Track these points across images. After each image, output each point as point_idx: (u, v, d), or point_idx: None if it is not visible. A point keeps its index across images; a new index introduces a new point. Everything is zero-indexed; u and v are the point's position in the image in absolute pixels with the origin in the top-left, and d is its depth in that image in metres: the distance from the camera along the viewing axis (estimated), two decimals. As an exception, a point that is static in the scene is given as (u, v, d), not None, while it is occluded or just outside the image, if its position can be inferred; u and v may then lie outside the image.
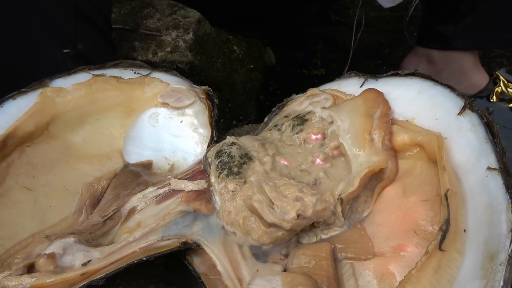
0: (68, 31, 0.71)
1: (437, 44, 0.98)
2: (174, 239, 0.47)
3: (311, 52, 1.33)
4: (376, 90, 0.60)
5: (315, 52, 1.33)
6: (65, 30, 0.71)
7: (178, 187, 0.55)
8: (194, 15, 0.94)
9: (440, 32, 0.96)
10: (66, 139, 0.62)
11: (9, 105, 0.60)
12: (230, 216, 0.48)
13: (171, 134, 0.68)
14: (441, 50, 0.98)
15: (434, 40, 0.99)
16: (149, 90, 0.70)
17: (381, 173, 0.50)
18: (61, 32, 0.71)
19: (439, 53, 0.98)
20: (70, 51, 0.72)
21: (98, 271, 0.43)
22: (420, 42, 1.05)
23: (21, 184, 0.55)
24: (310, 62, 1.29)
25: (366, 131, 0.54)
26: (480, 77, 0.98)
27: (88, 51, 0.73)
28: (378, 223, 0.45)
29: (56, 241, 0.46)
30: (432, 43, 1.00)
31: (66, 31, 0.71)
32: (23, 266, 0.42)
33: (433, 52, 1.00)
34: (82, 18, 0.71)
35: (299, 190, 0.47)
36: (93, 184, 0.58)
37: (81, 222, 0.53)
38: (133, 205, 0.56)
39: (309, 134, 0.59)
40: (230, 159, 0.54)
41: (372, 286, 0.39)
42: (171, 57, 0.87)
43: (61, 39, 0.71)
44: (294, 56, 1.31)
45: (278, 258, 0.45)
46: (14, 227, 0.50)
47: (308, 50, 1.34)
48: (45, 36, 0.70)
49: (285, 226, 0.44)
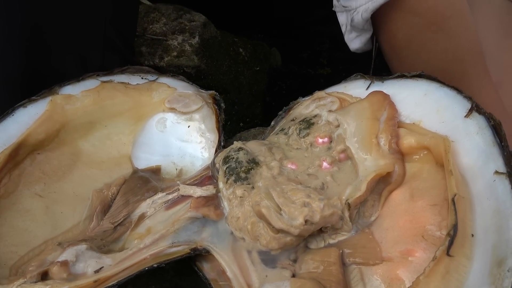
0: (96, 62, 0.72)
1: None
2: (184, 246, 0.48)
3: (317, 52, 1.33)
4: (382, 92, 0.59)
5: (321, 52, 1.33)
6: (93, 61, 0.72)
7: (186, 193, 0.56)
8: (200, 19, 0.95)
9: None
10: (76, 146, 0.63)
11: (20, 114, 0.61)
12: (238, 222, 0.48)
13: (179, 139, 0.69)
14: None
15: None
16: (157, 96, 0.70)
17: (388, 176, 0.50)
18: (89, 63, 0.72)
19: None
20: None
21: (110, 278, 0.43)
22: None
23: (33, 192, 0.56)
24: (316, 62, 1.29)
25: (372, 135, 0.54)
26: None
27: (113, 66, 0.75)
28: (386, 228, 0.45)
29: (68, 248, 0.46)
30: None
31: (94, 62, 0.72)
32: (37, 273, 0.43)
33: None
34: (109, 49, 0.73)
35: (307, 195, 0.47)
36: (103, 190, 0.59)
37: (92, 229, 0.54)
38: (142, 211, 0.56)
39: (315, 138, 0.59)
40: (238, 164, 0.54)
41: (381, 292, 0.40)
42: (178, 62, 0.88)
43: (88, 67, 0.72)
44: (299, 56, 1.31)
45: (286, 263, 0.45)
46: (27, 234, 0.51)
47: (314, 50, 1.33)
48: (72, 65, 0.71)
49: (293, 232, 0.44)
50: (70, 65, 0.71)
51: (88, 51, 0.72)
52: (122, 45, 0.76)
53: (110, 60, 0.75)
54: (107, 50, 0.73)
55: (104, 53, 0.73)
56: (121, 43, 0.75)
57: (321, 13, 1.47)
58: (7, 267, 0.46)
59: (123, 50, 0.77)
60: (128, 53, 0.80)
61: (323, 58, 1.31)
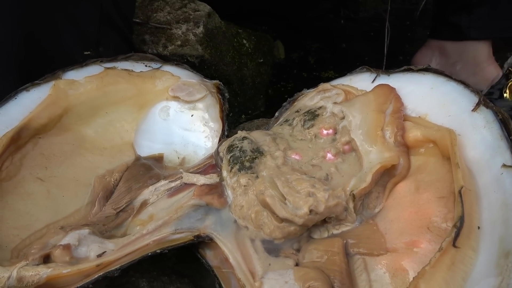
0: (92, 35, 0.71)
1: (450, 35, 0.97)
2: (187, 232, 0.47)
3: (319, 46, 1.33)
4: (388, 85, 0.59)
5: (324, 46, 1.32)
6: (89, 34, 0.71)
7: (190, 181, 0.55)
8: (204, 9, 0.94)
9: (454, 23, 0.95)
10: (79, 132, 0.63)
11: (23, 97, 0.60)
12: (242, 211, 0.48)
13: (182, 128, 0.68)
14: (454, 41, 0.96)
15: (447, 31, 0.98)
16: (160, 84, 0.70)
17: (393, 169, 0.50)
18: (85, 35, 0.71)
19: (453, 44, 0.97)
20: (91, 53, 0.72)
21: (113, 262, 0.43)
22: (433, 34, 1.04)
23: (35, 175, 0.56)
24: (318, 56, 1.29)
25: (378, 127, 0.54)
26: (493, 70, 0.97)
27: (109, 54, 0.74)
28: (390, 219, 0.45)
29: (71, 232, 0.46)
30: (445, 34, 0.99)
31: (90, 35, 0.71)
32: (39, 256, 0.43)
33: (446, 44, 0.99)
34: (106, 22, 0.72)
35: (311, 185, 0.47)
36: (106, 177, 0.58)
37: (94, 214, 0.53)
38: (145, 198, 0.56)
39: (320, 129, 0.59)
40: (242, 153, 0.54)
41: (385, 282, 0.40)
42: (182, 51, 0.87)
43: (84, 42, 0.71)
44: (302, 50, 1.30)
45: (290, 252, 0.45)
46: (29, 218, 0.50)
47: (317, 44, 1.33)
48: (69, 39, 0.71)
49: (297, 222, 0.44)
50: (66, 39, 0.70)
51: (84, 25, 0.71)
52: (121, 21, 0.75)
53: (108, 36, 0.74)
54: (104, 25, 0.72)
55: (100, 27, 0.72)
56: (119, 18, 0.74)
57: (325, 6, 1.46)
58: (9, 250, 0.46)
59: (122, 26, 0.76)
60: (127, 30, 0.78)
61: (326, 53, 1.31)
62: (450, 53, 0.98)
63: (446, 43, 0.98)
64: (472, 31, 0.93)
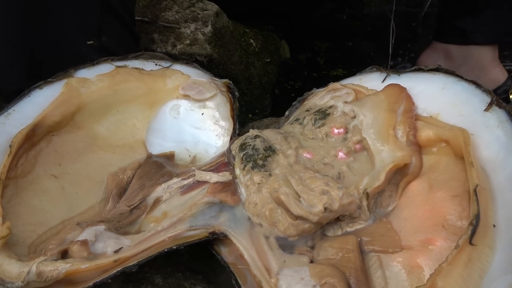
0: (93, 24, 0.72)
1: (455, 39, 0.97)
2: (201, 229, 0.48)
3: (324, 46, 1.33)
4: (399, 85, 0.60)
5: (329, 46, 1.33)
6: (90, 23, 0.71)
7: (202, 179, 0.56)
8: (213, 8, 0.95)
9: (459, 27, 0.95)
10: (91, 129, 0.63)
11: (36, 95, 0.61)
12: (256, 208, 0.49)
13: (193, 126, 0.69)
14: (459, 45, 0.97)
15: (452, 34, 0.98)
16: (171, 82, 0.70)
17: (405, 168, 0.51)
18: (86, 25, 0.71)
19: (458, 48, 0.97)
20: (94, 43, 0.72)
21: (130, 258, 0.44)
22: (438, 37, 1.04)
23: (49, 172, 0.56)
24: (323, 55, 1.29)
25: (390, 126, 0.54)
26: (499, 73, 0.97)
27: (112, 43, 0.74)
28: (404, 217, 0.45)
29: (87, 228, 0.47)
30: (450, 38, 0.99)
31: (91, 24, 0.72)
32: (58, 252, 0.43)
33: (451, 47, 0.99)
34: (107, 11, 0.72)
35: (325, 183, 0.47)
36: (118, 174, 0.59)
37: (108, 211, 0.54)
38: (157, 195, 0.56)
39: (331, 128, 0.59)
40: (255, 151, 0.55)
41: (400, 278, 0.40)
42: (190, 50, 0.88)
43: (86, 31, 0.72)
44: (307, 49, 1.31)
45: (304, 249, 0.46)
46: (44, 214, 0.51)
47: (322, 43, 1.33)
48: (70, 28, 0.71)
49: (312, 219, 0.45)
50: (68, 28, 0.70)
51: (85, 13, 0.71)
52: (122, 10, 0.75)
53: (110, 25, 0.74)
54: (105, 13, 0.72)
55: (101, 15, 0.72)
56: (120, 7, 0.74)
57: (329, 7, 1.47)
58: (26, 245, 0.47)
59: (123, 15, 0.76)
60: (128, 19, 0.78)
61: (331, 52, 1.32)
62: (454, 56, 0.98)
63: (451, 46, 0.98)
64: (477, 36, 0.93)
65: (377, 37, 1.38)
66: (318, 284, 0.40)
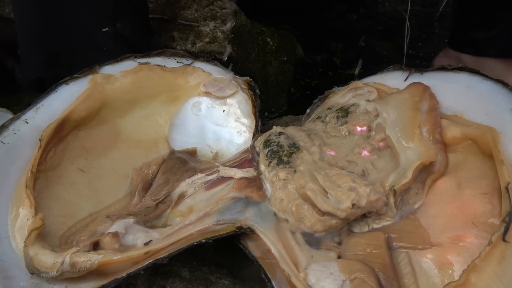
0: (108, 11, 0.72)
1: (468, 49, 0.96)
2: (228, 224, 0.48)
3: (339, 45, 1.33)
4: (422, 83, 0.60)
5: (344, 45, 1.33)
6: (105, 10, 0.72)
7: (227, 174, 0.56)
8: (231, 6, 0.95)
9: (472, 37, 0.94)
10: (116, 125, 0.64)
11: (63, 90, 0.62)
12: (282, 204, 0.49)
13: (214, 123, 0.69)
14: (472, 55, 0.96)
15: (466, 44, 0.96)
16: (192, 79, 0.71)
17: (431, 166, 0.51)
18: (101, 12, 0.72)
19: (470, 57, 0.95)
20: (109, 30, 0.73)
21: (160, 251, 0.44)
22: (451, 44, 1.03)
23: (76, 166, 0.57)
24: (338, 55, 1.29)
25: (415, 125, 0.54)
26: None
27: (126, 30, 0.75)
28: (432, 215, 0.45)
29: (117, 221, 0.47)
30: (463, 47, 0.97)
31: (106, 11, 0.72)
32: (90, 243, 0.44)
33: (464, 56, 0.97)
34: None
35: (352, 180, 0.47)
36: (143, 169, 0.60)
37: (134, 205, 0.54)
38: (182, 190, 0.57)
39: (354, 126, 0.60)
40: (279, 148, 0.55)
41: (431, 274, 0.40)
42: (210, 48, 0.89)
43: (101, 18, 0.72)
44: (322, 49, 1.31)
45: (331, 245, 0.46)
46: (73, 207, 0.52)
47: (336, 43, 1.33)
48: (86, 16, 0.72)
49: (339, 215, 0.45)
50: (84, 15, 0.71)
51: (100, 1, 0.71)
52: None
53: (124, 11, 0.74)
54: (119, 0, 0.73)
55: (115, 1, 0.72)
56: None
57: (340, 8, 1.47)
58: (57, 237, 0.47)
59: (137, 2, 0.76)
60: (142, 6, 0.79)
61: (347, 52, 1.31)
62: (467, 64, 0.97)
63: (464, 55, 0.97)
64: (490, 49, 0.91)
65: (392, 37, 1.37)
66: (348, 279, 0.40)
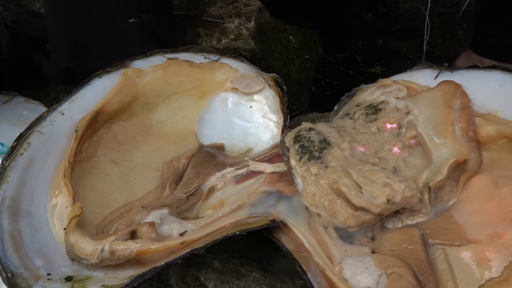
0: (134, 2, 0.73)
1: (490, 54, 0.95)
2: (261, 217, 0.49)
3: (359, 44, 1.33)
4: (454, 82, 0.59)
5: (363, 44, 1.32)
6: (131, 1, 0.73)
7: (257, 169, 0.57)
8: (255, 4, 0.96)
9: (494, 44, 0.94)
10: (146, 119, 0.65)
11: (96, 83, 0.63)
12: (314, 198, 0.49)
13: (241, 119, 0.70)
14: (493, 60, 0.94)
15: (488, 50, 0.95)
16: (219, 75, 0.72)
17: (464, 164, 0.51)
18: (128, 3, 0.73)
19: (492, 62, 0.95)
20: (135, 20, 0.74)
21: (195, 241, 0.45)
22: (474, 48, 1.02)
23: (109, 158, 0.58)
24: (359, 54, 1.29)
25: (447, 122, 0.54)
26: None
27: (152, 21, 0.76)
28: (468, 212, 0.45)
29: (152, 211, 0.48)
30: (486, 52, 0.97)
31: (132, 2, 0.73)
32: (127, 232, 0.45)
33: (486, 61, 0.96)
34: None
35: (386, 176, 0.47)
36: (173, 162, 0.60)
37: (166, 197, 0.55)
38: (212, 184, 0.58)
39: (384, 123, 0.60)
40: (310, 143, 0.55)
41: (469, 271, 0.40)
42: (235, 44, 0.89)
43: (127, 9, 0.74)
44: (343, 47, 1.30)
45: (364, 240, 0.46)
46: (107, 197, 0.53)
47: (356, 42, 1.33)
48: (113, 7, 0.73)
49: (374, 211, 0.45)
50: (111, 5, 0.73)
51: None
52: None
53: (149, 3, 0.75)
54: None
55: None
56: None
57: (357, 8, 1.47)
58: (93, 226, 0.48)
59: None
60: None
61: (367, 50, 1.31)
62: None
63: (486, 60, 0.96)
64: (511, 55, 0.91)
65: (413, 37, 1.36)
66: (384, 273, 0.40)
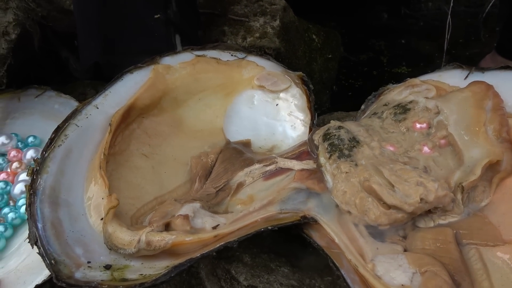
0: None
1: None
2: (292, 213, 0.49)
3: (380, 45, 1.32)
4: (485, 82, 0.59)
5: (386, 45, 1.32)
6: None
7: (286, 166, 0.57)
8: (280, 3, 0.96)
9: None
10: (175, 114, 0.66)
11: (128, 79, 0.64)
12: (345, 196, 0.49)
13: (268, 116, 0.70)
14: None
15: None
16: (246, 73, 0.72)
17: (497, 165, 0.50)
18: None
19: None
20: (161, 16, 0.75)
21: (228, 235, 0.46)
22: (499, 50, 1.01)
23: (141, 152, 0.59)
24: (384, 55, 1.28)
25: (479, 123, 0.54)
26: None
27: (177, 17, 0.77)
28: (502, 212, 0.45)
29: (185, 204, 0.49)
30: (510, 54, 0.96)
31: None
32: (162, 224, 0.46)
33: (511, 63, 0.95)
34: None
35: (419, 175, 0.47)
36: (201, 157, 0.61)
37: (196, 191, 0.56)
38: (240, 179, 0.58)
39: (413, 123, 0.59)
40: (340, 141, 0.55)
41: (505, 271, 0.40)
42: (260, 43, 0.90)
43: (153, 5, 0.75)
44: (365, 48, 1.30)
45: (396, 238, 0.46)
46: (139, 190, 0.54)
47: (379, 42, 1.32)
48: (140, 3, 0.75)
49: (406, 209, 0.45)
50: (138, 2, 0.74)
51: None
52: None
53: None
54: None
55: None
56: None
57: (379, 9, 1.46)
58: (128, 217, 0.50)
59: None
60: None
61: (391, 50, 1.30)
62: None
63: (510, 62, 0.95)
64: None
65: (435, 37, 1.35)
66: (418, 271, 0.40)
